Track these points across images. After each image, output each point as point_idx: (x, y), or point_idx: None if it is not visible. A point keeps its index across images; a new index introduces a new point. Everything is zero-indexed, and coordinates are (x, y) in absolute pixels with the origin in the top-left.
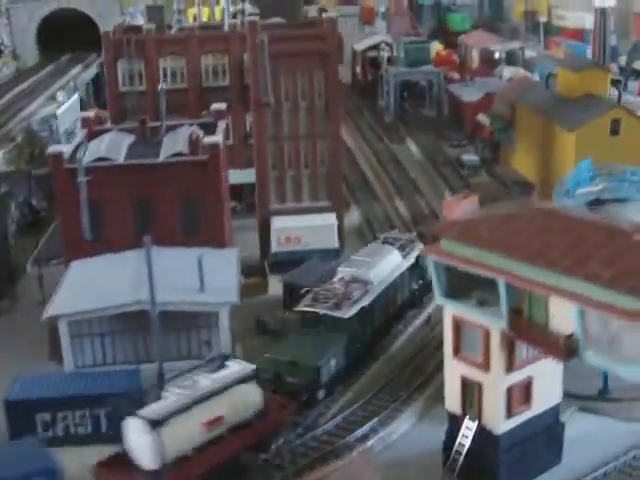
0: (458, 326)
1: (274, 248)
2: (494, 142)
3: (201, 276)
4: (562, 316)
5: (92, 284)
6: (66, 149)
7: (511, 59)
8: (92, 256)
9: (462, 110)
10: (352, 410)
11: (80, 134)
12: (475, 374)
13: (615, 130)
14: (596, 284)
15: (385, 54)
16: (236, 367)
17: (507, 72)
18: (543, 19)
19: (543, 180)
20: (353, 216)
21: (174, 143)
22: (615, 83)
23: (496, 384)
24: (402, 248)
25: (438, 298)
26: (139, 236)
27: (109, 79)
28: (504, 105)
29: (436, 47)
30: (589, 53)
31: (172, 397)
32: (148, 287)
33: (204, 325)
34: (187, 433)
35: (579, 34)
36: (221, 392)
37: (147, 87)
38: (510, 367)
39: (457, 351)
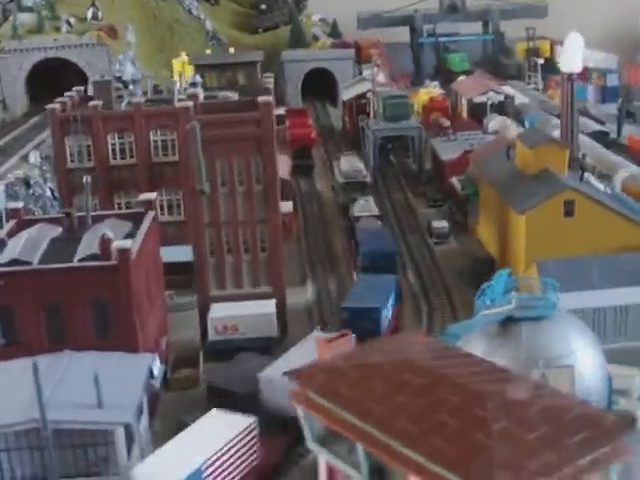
0: (332, 471)
1: (211, 337)
2: (467, 206)
3: (98, 391)
4: None
5: None
6: None
7: (500, 108)
8: (6, 359)
9: (441, 168)
10: None
11: (4, 230)
12: None
13: (569, 212)
14: (437, 463)
15: (372, 104)
16: None
17: (493, 124)
18: (541, 61)
19: (501, 258)
20: (305, 294)
21: (92, 242)
22: (576, 161)
23: None
24: None
25: (309, 443)
26: (52, 340)
27: (57, 156)
28: (477, 168)
29: (432, 91)
30: (590, 94)
31: None
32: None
33: (101, 442)
34: None
35: (582, 73)
36: None
37: (96, 164)
38: None
39: None
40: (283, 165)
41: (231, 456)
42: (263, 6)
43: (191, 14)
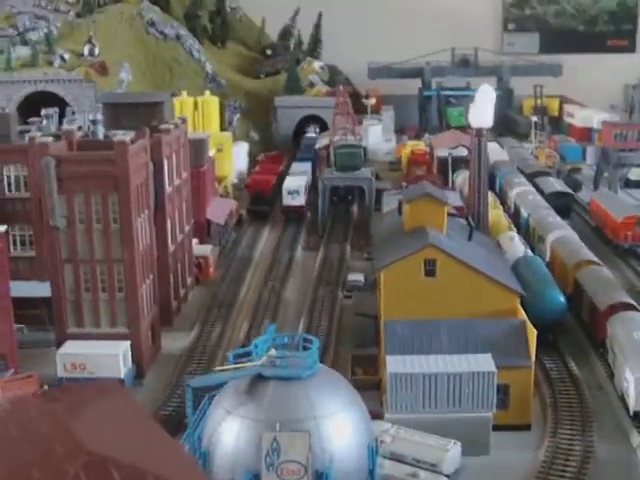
0: None
1: (59, 374)
2: None
3: None
4: None
5: None
6: None
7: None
8: None
9: None
10: None
11: None
12: None
13: (430, 272)
14: None
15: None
16: None
17: (460, 179)
18: (535, 118)
19: (379, 316)
20: (185, 340)
21: None
22: (466, 219)
23: None
24: None
25: None
26: None
27: None
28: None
29: (418, 144)
30: (588, 155)
31: None
32: None
33: None
34: None
35: (586, 133)
36: None
37: None
38: None
39: None
40: (218, 208)
41: None
42: (269, 51)
43: (192, 56)
